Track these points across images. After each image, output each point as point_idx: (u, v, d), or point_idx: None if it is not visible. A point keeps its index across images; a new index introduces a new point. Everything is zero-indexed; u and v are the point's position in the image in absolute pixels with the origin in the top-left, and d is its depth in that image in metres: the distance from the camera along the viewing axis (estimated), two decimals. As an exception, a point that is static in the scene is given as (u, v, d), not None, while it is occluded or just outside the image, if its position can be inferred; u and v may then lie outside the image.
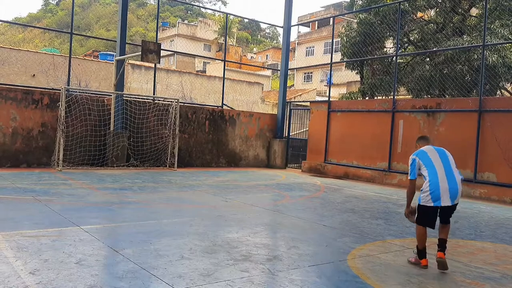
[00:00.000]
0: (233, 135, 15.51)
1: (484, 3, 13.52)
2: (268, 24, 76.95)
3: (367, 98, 17.49)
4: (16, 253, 4.19)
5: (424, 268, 4.53)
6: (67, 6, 72.64)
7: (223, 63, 16.71)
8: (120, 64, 12.80)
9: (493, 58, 13.52)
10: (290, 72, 38.10)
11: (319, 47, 45.51)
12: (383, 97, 16.45)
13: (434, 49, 15.23)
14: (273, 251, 4.93)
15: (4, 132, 11.13)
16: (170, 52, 39.94)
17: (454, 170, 4.63)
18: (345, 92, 22.63)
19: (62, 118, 11.33)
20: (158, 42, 12.43)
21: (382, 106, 13.38)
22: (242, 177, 12.56)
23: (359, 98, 17.92)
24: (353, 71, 18.71)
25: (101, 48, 45.31)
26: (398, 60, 14.90)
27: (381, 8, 16.34)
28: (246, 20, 69.93)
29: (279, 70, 18.05)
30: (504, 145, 10.52)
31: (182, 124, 14.02)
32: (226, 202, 8.01)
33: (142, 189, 9.01)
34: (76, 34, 15.56)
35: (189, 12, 79.93)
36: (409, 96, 17.10)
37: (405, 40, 17.34)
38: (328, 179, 13.45)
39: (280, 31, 23.78)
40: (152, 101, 13.70)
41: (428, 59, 16.67)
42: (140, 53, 11.65)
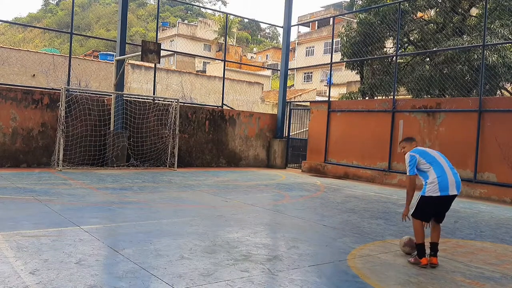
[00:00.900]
0: (233, 135, 15.51)
1: (484, 3, 13.52)
2: (268, 24, 76.99)
3: (367, 98, 17.49)
4: (16, 253, 4.19)
5: (423, 268, 4.55)
6: (67, 6, 72.67)
7: (223, 63, 16.70)
8: (120, 64, 12.80)
9: (493, 58, 13.52)
10: (290, 72, 38.08)
11: (319, 47, 45.51)
12: (383, 97, 16.44)
13: (434, 49, 15.22)
14: (273, 251, 4.93)
15: (4, 132, 11.13)
16: (170, 52, 39.94)
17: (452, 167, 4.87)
18: (345, 92, 22.61)
19: (62, 118, 11.33)
20: (158, 42, 12.43)
21: (382, 106, 13.38)
22: (242, 177, 12.56)
23: (359, 98, 17.91)
24: (353, 71, 18.70)
25: (101, 48, 45.34)
26: (398, 60, 14.90)
27: (381, 8, 16.34)
28: (246, 20, 69.98)
29: (279, 70, 18.05)
30: (504, 145, 10.52)
31: (182, 124, 14.02)
32: (226, 202, 8.01)
33: (142, 189, 9.01)
34: (76, 34, 15.55)
35: (189, 12, 79.95)
36: (409, 96, 17.10)
37: (405, 40, 17.34)
38: (328, 179, 13.45)
39: (280, 31, 23.79)
40: (152, 101, 13.70)
41: (428, 59, 16.67)
42: (140, 53, 11.65)
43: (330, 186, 11.48)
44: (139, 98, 13.97)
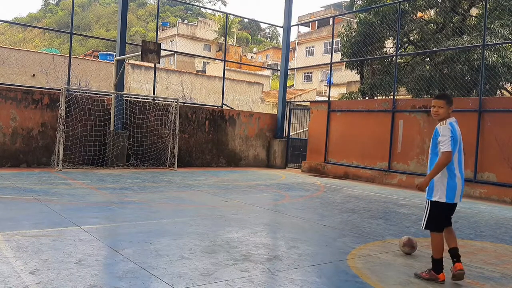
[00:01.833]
0: (233, 135, 15.51)
1: (484, 3, 13.53)
2: (268, 24, 76.97)
3: (367, 98, 17.49)
4: (16, 253, 4.19)
5: (442, 283, 4.03)
6: (67, 6, 72.69)
7: (223, 63, 16.70)
8: (120, 64, 12.80)
9: (493, 58, 13.53)
10: (290, 72, 38.10)
11: (319, 47, 45.52)
12: (383, 97, 16.45)
13: (434, 49, 15.23)
14: (273, 251, 4.93)
15: (4, 132, 11.13)
16: (170, 52, 39.95)
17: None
18: (345, 92, 22.62)
19: (62, 118, 11.33)
20: (158, 42, 12.43)
21: (382, 106, 13.38)
22: (242, 177, 12.56)
23: (359, 98, 17.92)
24: (353, 71, 18.71)
25: (101, 48, 45.36)
26: (398, 60, 14.91)
27: (381, 8, 16.34)
28: (246, 20, 69.99)
29: (279, 70, 18.05)
30: (504, 145, 10.52)
31: (182, 124, 14.02)
32: (226, 202, 8.01)
33: (142, 189, 9.01)
34: (76, 34, 15.55)
35: (189, 12, 79.97)
36: (409, 96, 17.10)
37: (405, 40, 17.34)
38: (328, 179, 13.45)
39: (280, 31, 23.80)
40: (152, 101, 13.70)
41: (428, 59, 16.67)
42: (140, 53, 11.65)
43: (330, 186, 11.48)
44: (139, 98, 13.97)
